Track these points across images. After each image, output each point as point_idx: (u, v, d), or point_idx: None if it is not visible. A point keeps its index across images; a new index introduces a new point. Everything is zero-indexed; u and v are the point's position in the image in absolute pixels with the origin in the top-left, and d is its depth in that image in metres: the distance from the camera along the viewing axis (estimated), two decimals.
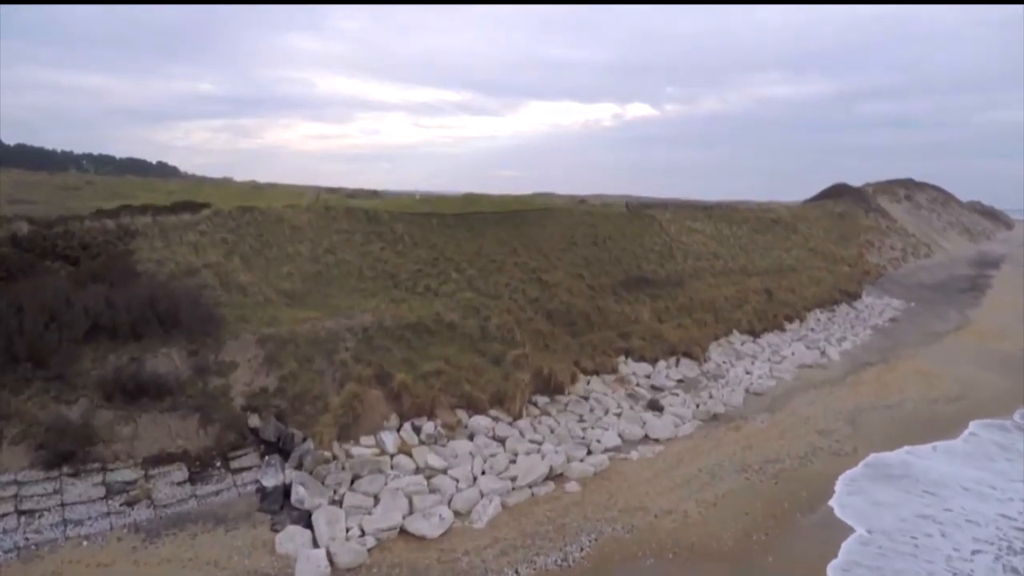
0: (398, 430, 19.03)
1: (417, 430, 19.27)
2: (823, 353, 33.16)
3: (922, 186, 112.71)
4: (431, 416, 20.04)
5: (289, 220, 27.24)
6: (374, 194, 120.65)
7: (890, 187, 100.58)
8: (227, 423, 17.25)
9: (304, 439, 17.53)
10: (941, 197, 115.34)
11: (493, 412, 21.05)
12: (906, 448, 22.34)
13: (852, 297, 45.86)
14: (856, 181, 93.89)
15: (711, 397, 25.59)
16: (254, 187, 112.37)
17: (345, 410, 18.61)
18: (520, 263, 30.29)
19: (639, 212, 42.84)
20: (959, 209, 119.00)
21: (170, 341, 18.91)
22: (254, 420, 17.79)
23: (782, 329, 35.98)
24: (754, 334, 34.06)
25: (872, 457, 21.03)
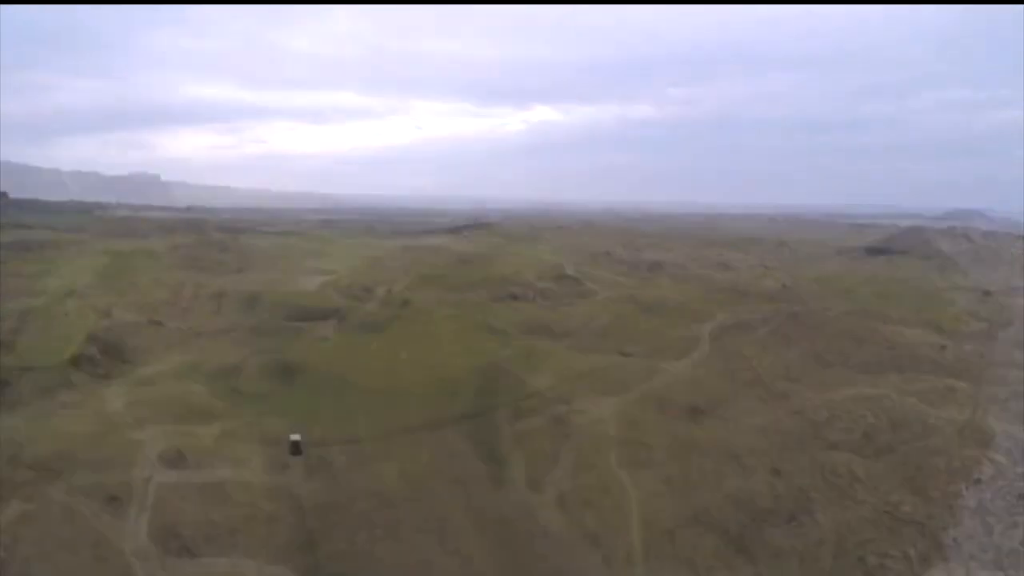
0: None
1: None
2: None
3: (968, 214, 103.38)
4: None
5: None
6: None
7: (945, 223, 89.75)
8: None
9: None
10: (988, 226, 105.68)
11: None
12: None
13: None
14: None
15: None
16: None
17: None
18: None
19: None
20: (1006, 240, 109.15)
21: None
22: None
23: None
24: None
25: None
